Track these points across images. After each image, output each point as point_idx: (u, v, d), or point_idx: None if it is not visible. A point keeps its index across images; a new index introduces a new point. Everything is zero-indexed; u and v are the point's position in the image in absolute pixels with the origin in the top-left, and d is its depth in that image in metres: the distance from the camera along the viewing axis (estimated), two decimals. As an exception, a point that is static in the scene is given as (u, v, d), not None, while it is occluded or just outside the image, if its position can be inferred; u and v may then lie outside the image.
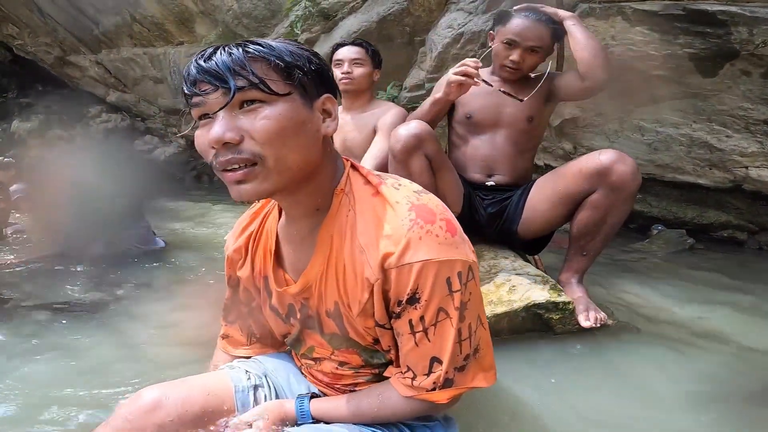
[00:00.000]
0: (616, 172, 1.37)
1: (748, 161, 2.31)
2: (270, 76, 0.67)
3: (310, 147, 0.71)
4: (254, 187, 0.68)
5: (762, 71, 2.01)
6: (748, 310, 1.79)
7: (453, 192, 1.62)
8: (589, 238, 1.45)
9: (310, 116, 0.71)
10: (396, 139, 1.49)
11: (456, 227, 0.71)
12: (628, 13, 2.10)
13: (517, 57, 1.61)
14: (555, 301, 1.39)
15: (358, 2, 3.27)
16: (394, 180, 0.76)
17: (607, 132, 2.59)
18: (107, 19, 4.85)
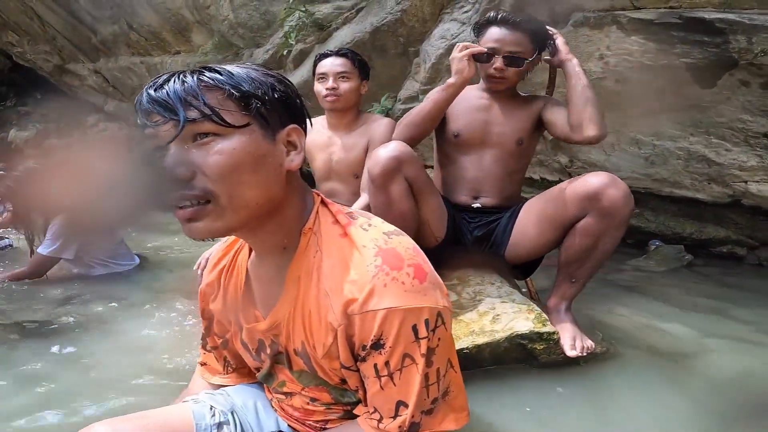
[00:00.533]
0: (608, 196, 1.31)
1: (748, 175, 2.24)
2: (226, 107, 0.63)
3: (271, 183, 0.67)
4: (206, 225, 0.64)
5: (761, 81, 1.94)
6: (745, 332, 1.73)
7: (436, 216, 1.56)
8: (579, 264, 1.40)
9: (272, 149, 0.66)
10: (375, 161, 1.42)
11: (426, 272, 0.67)
12: (623, 22, 2.04)
13: (499, 63, 1.55)
14: (539, 332, 1.34)
15: (352, 13, 3.26)
16: (364, 220, 0.72)
17: (603, 145, 2.54)
18: (105, 27, 4.86)
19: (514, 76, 1.59)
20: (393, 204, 1.42)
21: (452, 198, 1.68)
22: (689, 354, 1.52)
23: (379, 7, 3.05)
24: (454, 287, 1.57)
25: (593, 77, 2.27)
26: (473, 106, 1.64)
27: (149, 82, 0.66)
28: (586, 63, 2.26)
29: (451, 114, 1.64)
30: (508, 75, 1.57)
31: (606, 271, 2.44)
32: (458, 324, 1.39)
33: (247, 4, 3.67)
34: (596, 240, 1.35)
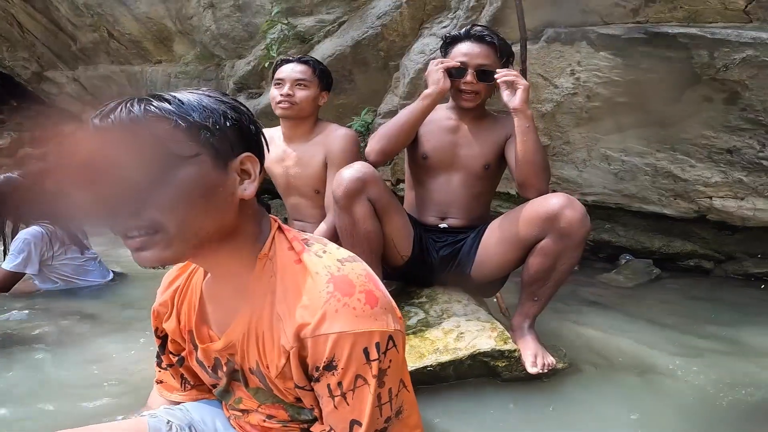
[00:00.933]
0: (565, 218, 1.35)
1: (712, 191, 2.32)
2: (174, 137, 0.63)
3: (221, 213, 0.67)
4: (155, 254, 0.64)
5: (724, 97, 2.02)
6: (706, 345, 1.78)
7: (401, 235, 1.58)
8: (540, 284, 1.45)
9: (223, 179, 0.66)
10: (338, 183, 1.44)
11: (377, 298, 0.68)
12: (592, 37, 2.12)
13: (470, 77, 1.57)
14: (500, 349, 1.40)
15: (334, 26, 3.31)
16: (319, 246, 0.73)
17: (575, 161, 2.60)
18: (85, 35, 4.83)
19: (484, 90, 1.61)
20: (357, 225, 1.45)
21: (420, 218, 1.71)
22: (650, 369, 1.57)
23: (360, 21, 3.11)
24: (422, 305, 1.62)
25: (565, 93, 2.34)
26: (442, 128, 1.65)
27: (97, 110, 0.64)
28: (558, 78, 2.33)
29: (420, 135, 1.66)
30: (478, 89, 1.59)
31: (576, 285, 2.48)
32: (424, 342, 1.44)
33: (230, 16, 3.70)
34: (555, 260, 1.40)
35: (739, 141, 2.11)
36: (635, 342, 1.75)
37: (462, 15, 2.58)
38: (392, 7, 2.91)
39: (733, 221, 2.41)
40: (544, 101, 2.42)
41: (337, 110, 3.54)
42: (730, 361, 1.63)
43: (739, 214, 2.33)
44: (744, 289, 2.46)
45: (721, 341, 1.81)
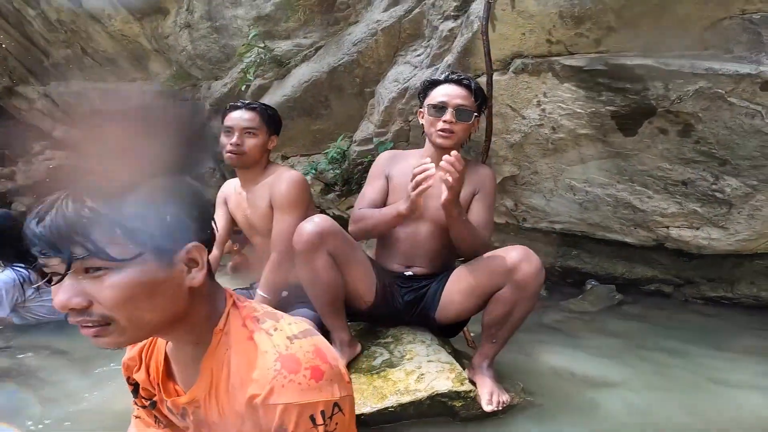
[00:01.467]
0: (521, 270, 1.46)
1: (669, 221, 2.43)
2: (114, 240, 0.65)
3: (169, 305, 0.71)
4: (110, 341, 0.69)
5: (678, 129, 2.11)
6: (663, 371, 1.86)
7: (363, 284, 1.63)
8: (498, 327, 1.55)
9: (168, 274, 0.70)
10: (298, 235, 1.50)
11: (323, 372, 0.73)
12: (557, 69, 2.21)
13: (450, 116, 1.64)
14: (457, 390, 1.49)
15: (311, 51, 3.37)
16: (270, 324, 0.78)
17: (543, 190, 2.69)
18: (58, 51, 4.77)
19: (461, 131, 1.67)
20: (317, 277, 1.51)
21: (386, 265, 1.77)
22: (605, 402, 1.64)
23: (336, 47, 3.18)
24: (387, 345, 1.70)
25: (532, 124, 2.44)
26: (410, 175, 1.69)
27: (32, 213, 0.65)
28: (526, 110, 2.42)
29: (392, 187, 1.73)
30: (456, 129, 1.66)
31: (544, 311, 2.55)
32: (386, 383, 1.52)
33: (206, 37, 3.72)
34: (512, 308, 1.51)
35: (693, 173, 2.23)
36: (593, 373, 1.83)
37: (435, 44, 2.67)
38: (368, 34, 2.98)
39: (690, 249, 2.52)
40: (513, 132, 2.51)
41: (314, 136, 3.58)
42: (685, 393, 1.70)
43: (695, 243, 2.44)
44: (700, 313, 2.57)
45: (674, 369, 1.90)
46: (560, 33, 2.17)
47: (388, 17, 2.88)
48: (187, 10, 3.75)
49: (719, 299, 2.69)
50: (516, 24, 2.22)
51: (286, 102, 3.42)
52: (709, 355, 2.00)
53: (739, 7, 1.91)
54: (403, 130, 2.96)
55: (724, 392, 1.69)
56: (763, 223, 2.23)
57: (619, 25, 2.06)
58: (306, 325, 0.80)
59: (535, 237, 3.04)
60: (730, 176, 2.16)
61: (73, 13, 4.23)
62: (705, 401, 1.63)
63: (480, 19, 2.20)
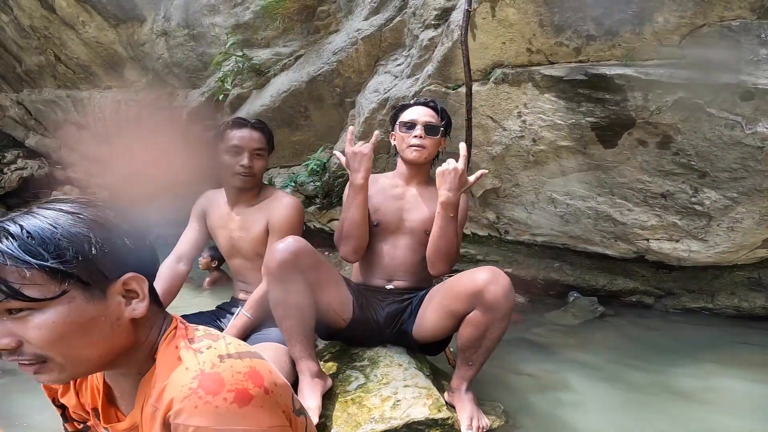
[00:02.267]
0: (489, 292, 1.43)
1: (649, 234, 2.41)
2: (33, 279, 0.60)
3: (108, 339, 0.67)
4: (51, 378, 0.65)
5: (657, 140, 2.10)
6: (643, 387, 1.82)
7: (339, 301, 1.60)
8: (473, 350, 1.52)
9: (101, 309, 0.65)
10: (271, 257, 1.47)
11: (252, 396, 0.65)
12: (537, 79, 2.19)
13: (420, 132, 1.70)
14: (434, 418, 1.42)
15: (290, 60, 3.32)
16: (206, 342, 0.71)
17: (524, 203, 2.66)
18: (30, 57, 4.65)
19: (431, 146, 1.73)
20: (289, 297, 1.47)
21: (367, 280, 1.76)
22: (589, 423, 1.60)
23: (316, 56, 3.13)
24: (364, 368, 1.63)
25: (513, 135, 2.41)
26: (389, 195, 1.75)
27: None
28: (506, 121, 2.40)
29: (372, 205, 1.73)
30: (426, 144, 1.71)
31: (527, 325, 2.50)
32: (361, 410, 1.45)
33: (183, 45, 3.65)
34: (484, 330, 1.47)
35: (673, 186, 2.21)
36: (576, 392, 1.79)
37: (415, 53, 2.64)
38: (348, 43, 2.95)
39: (670, 261, 2.50)
40: (494, 144, 2.48)
41: (293, 147, 3.52)
42: (667, 411, 1.67)
43: (675, 255, 2.42)
44: (681, 324, 2.56)
45: (656, 385, 1.86)
46: (540, 42, 2.15)
47: (368, 26, 2.84)
48: (164, 18, 3.68)
49: (700, 310, 2.68)
50: (496, 33, 2.20)
51: (265, 112, 3.36)
52: (693, 370, 1.97)
53: (718, 14, 1.90)
54: (384, 141, 2.91)
55: (709, 410, 1.67)
56: (743, 235, 2.22)
57: (599, 34, 2.05)
58: (251, 349, 0.73)
59: (518, 249, 3.00)
60: (710, 188, 2.16)
61: (47, 19, 4.12)
62: (691, 421, 1.59)
63: (461, 27, 2.18)
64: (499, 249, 3.06)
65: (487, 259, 3.08)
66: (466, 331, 1.48)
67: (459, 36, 2.21)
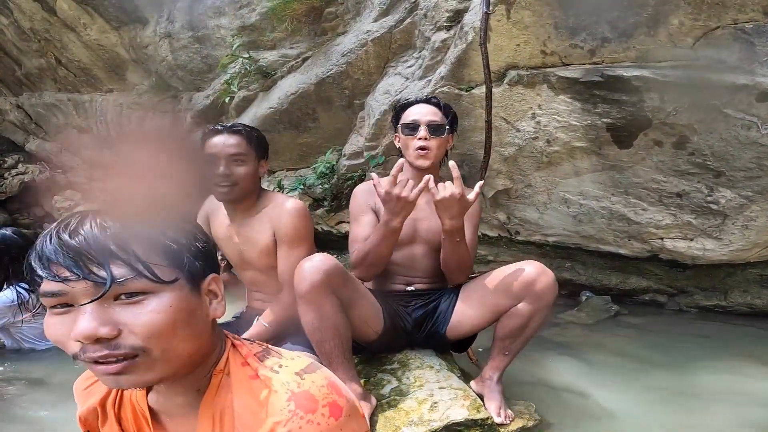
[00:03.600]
0: (540, 283, 1.49)
1: (663, 233, 2.42)
2: (155, 260, 0.60)
3: (201, 335, 0.67)
4: (135, 379, 0.60)
5: (673, 141, 2.11)
6: (665, 384, 1.84)
7: (371, 315, 1.58)
8: (512, 340, 1.55)
9: (199, 302, 0.66)
10: (301, 278, 1.39)
11: (341, 407, 0.66)
12: (553, 80, 2.19)
13: (424, 133, 1.64)
14: (474, 419, 1.43)
15: (297, 62, 3.30)
16: (274, 360, 0.71)
17: (536, 204, 2.66)
18: (30, 60, 4.60)
19: (436, 148, 1.66)
20: (325, 320, 1.42)
21: (387, 286, 1.74)
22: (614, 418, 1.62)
23: (324, 58, 3.11)
24: (395, 372, 1.63)
25: (527, 137, 2.41)
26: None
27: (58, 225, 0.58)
28: (520, 122, 2.40)
29: (381, 216, 1.62)
30: (431, 145, 1.65)
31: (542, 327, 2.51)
32: (398, 413, 1.44)
33: (188, 47, 3.62)
34: (528, 320, 1.51)
35: (688, 185, 2.22)
36: (598, 388, 1.81)
37: (427, 55, 2.63)
38: (357, 44, 2.93)
39: (684, 260, 2.51)
40: (507, 145, 2.48)
41: (301, 149, 3.50)
42: (690, 407, 1.68)
43: (689, 254, 2.44)
44: (696, 322, 2.57)
45: (679, 383, 1.88)
46: (555, 44, 2.15)
47: (378, 27, 2.83)
48: (168, 20, 3.65)
49: (713, 308, 2.69)
50: (510, 35, 2.20)
51: (272, 114, 3.34)
52: (714, 367, 1.99)
53: (732, 17, 1.91)
54: (394, 143, 2.91)
55: (735, 405, 1.68)
56: (758, 233, 2.24)
57: (613, 36, 2.05)
58: (309, 359, 0.73)
59: (528, 250, 3.01)
60: (725, 188, 2.17)
61: (47, 21, 4.08)
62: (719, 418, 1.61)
63: (475, 30, 2.17)
64: (510, 249, 3.06)
65: (498, 260, 3.08)
66: (510, 321, 1.52)
67: (474, 38, 2.21)
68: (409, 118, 1.68)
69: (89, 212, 0.59)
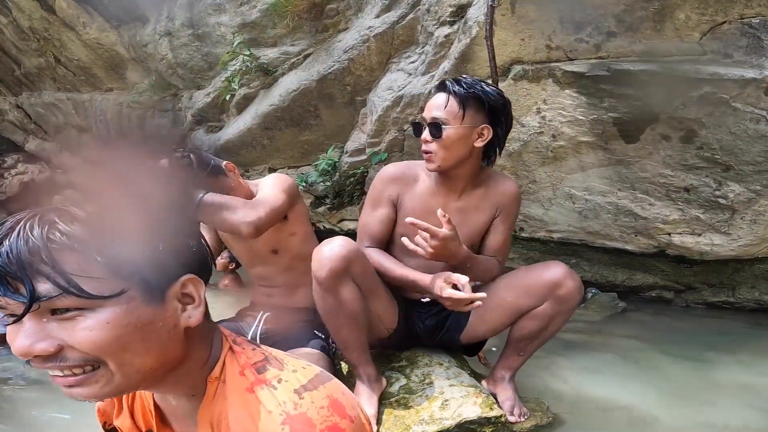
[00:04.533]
0: (566, 286, 1.43)
1: (671, 228, 2.39)
2: (90, 272, 0.52)
3: (163, 348, 0.59)
4: (90, 391, 0.56)
5: (681, 135, 2.08)
6: (676, 380, 1.84)
7: (386, 310, 1.52)
8: (528, 341, 1.51)
9: (159, 313, 0.58)
10: (320, 263, 1.32)
11: (343, 430, 0.60)
12: (558, 75, 2.16)
13: (426, 134, 1.40)
14: (487, 416, 1.41)
15: (299, 59, 3.27)
16: (274, 373, 0.65)
17: (541, 199, 2.63)
18: (30, 60, 4.57)
19: (440, 150, 1.38)
20: (343, 307, 1.36)
21: (402, 293, 1.64)
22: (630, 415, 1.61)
23: (326, 54, 3.08)
24: (403, 369, 1.60)
25: (532, 132, 2.38)
26: (426, 210, 1.47)
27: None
28: (525, 117, 2.37)
29: (402, 216, 1.51)
30: (433, 149, 1.39)
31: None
32: (408, 411, 1.42)
33: (188, 45, 3.59)
34: (548, 323, 1.46)
35: (696, 179, 2.20)
36: (611, 386, 1.80)
37: (430, 51, 2.60)
38: (359, 40, 2.90)
39: (692, 255, 2.49)
40: (511, 140, 2.45)
41: (302, 147, 3.48)
42: (701, 402, 1.68)
43: (697, 249, 2.41)
44: (704, 319, 2.56)
45: (689, 379, 1.88)
46: (560, 38, 2.13)
47: (380, 23, 2.80)
48: (168, 18, 3.62)
49: (721, 304, 2.67)
50: (515, 29, 2.17)
51: (274, 112, 3.31)
52: (727, 362, 2.00)
53: (738, 11, 1.89)
54: (397, 139, 2.88)
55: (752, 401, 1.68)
56: (766, 228, 2.21)
57: (619, 30, 2.03)
58: (316, 370, 0.68)
59: (532, 246, 2.98)
60: (734, 182, 2.14)
61: (46, 20, 4.05)
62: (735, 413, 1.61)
63: (479, 24, 2.15)
64: (514, 246, 3.04)
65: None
66: (529, 323, 1.47)
67: (478, 32, 2.18)
68: (419, 116, 1.55)
69: (23, 217, 0.53)
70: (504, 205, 1.53)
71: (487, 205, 1.52)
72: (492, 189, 1.53)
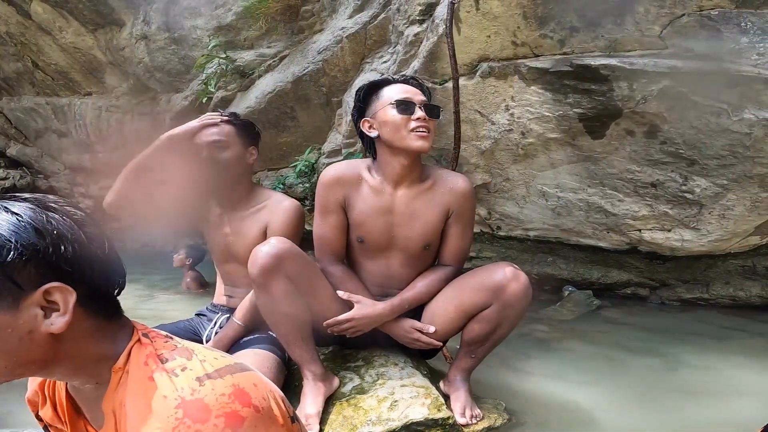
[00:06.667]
0: (510, 289, 1.40)
1: (641, 224, 2.40)
2: None
3: (15, 352, 0.61)
4: None
5: (645, 130, 2.09)
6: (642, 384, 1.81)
7: (332, 309, 1.49)
8: (479, 344, 1.49)
9: (11, 320, 0.59)
10: (253, 260, 1.37)
11: (243, 418, 0.61)
12: (524, 71, 2.16)
13: (422, 113, 1.43)
14: (434, 418, 1.38)
15: (275, 61, 3.27)
16: (180, 362, 0.66)
17: (515, 197, 2.64)
18: (7, 64, 4.54)
19: (434, 131, 1.48)
20: (276, 305, 1.38)
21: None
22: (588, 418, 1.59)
23: (301, 56, 3.09)
24: (358, 369, 1.58)
25: (501, 129, 2.39)
26: (375, 208, 1.51)
27: None
28: (495, 115, 2.38)
29: (353, 217, 1.53)
30: (432, 127, 1.46)
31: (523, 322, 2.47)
32: (357, 412, 1.40)
33: (164, 48, 3.58)
34: (496, 326, 1.44)
35: (662, 175, 2.21)
36: (575, 387, 1.77)
37: (401, 50, 2.61)
38: (333, 41, 2.90)
39: (663, 251, 2.50)
40: (483, 138, 2.46)
41: (281, 149, 3.47)
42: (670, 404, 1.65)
43: (667, 245, 2.42)
44: (678, 316, 2.55)
45: (658, 378, 1.86)
46: (525, 34, 2.13)
47: (353, 24, 2.81)
48: (144, 21, 3.61)
49: (696, 300, 2.68)
50: (481, 26, 2.18)
51: (251, 114, 3.30)
52: (697, 361, 1.98)
53: (697, 3, 1.91)
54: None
55: (717, 400, 1.66)
56: (735, 222, 2.22)
57: (582, 25, 2.04)
58: (231, 362, 0.68)
59: (510, 245, 2.98)
60: (699, 176, 2.15)
61: (23, 25, 4.03)
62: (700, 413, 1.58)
63: (445, 22, 2.15)
64: (492, 245, 3.04)
65: (480, 256, 3.05)
66: (477, 326, 1.45)
67: (444, 30, 2.19)
68: (401, 96, 1.44)
69: None
70: (456, 205, 1.52)
71: (436, 200, 1.51)
72: (440, 184, 1.53)
